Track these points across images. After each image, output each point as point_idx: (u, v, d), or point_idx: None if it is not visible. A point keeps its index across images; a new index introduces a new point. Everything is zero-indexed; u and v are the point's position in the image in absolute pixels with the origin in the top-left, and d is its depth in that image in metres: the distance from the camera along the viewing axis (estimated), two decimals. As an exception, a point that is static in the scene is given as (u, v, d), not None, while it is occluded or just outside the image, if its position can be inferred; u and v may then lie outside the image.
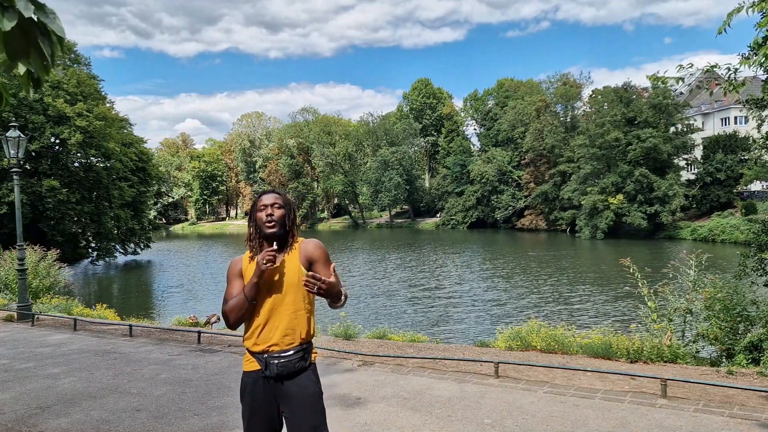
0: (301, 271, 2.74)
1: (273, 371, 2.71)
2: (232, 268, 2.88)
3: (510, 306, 20.58)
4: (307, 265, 2.78)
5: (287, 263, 2.78)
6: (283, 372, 2.71)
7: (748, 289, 7.50)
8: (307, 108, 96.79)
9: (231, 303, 2.76)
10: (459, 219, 72.76)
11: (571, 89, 65.37)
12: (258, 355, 2.75)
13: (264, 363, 2.73)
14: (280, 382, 2.74)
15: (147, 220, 43.99)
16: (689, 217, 49.82)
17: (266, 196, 2.86)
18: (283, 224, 2.80)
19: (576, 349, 7.38)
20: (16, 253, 12.24)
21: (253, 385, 2.78)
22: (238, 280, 2.84)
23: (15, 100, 29.94)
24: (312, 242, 2.85)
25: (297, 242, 2.85)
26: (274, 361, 2.71)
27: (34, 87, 1.83)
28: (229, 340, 8.83)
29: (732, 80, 4.48)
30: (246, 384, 2.82)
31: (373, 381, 6.22)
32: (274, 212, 2.79)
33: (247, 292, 2.72)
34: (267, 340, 2.73)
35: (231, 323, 2.79)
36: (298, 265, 2.77)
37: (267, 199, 2.83)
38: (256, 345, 2.75)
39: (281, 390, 2.75)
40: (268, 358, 2.72)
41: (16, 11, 1.67)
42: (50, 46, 1.76)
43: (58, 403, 5.69)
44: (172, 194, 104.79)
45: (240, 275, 2.85)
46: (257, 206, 2.84)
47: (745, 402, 5.24)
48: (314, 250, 2.81)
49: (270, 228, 2.77)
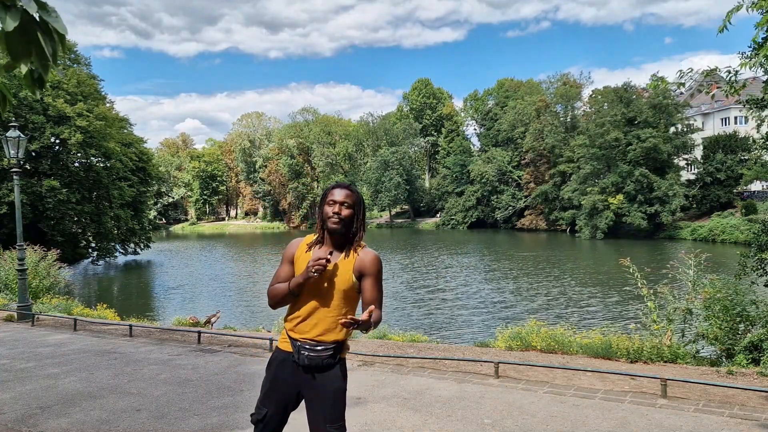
0: (352, 281, 2.76)
1: (303, 361, 2.76)
2: (287, 250, 2.91)
3: (510, 306, 20.58)
4: (358, 275, 2.78)
5: (341, 269, 2.77)
6: (311, 364, 2.76)
7: (748, 289, 7.49)
8: (307, 108, 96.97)
9: (276, 288, 2.83)
10: (459, 219, 72.76)
11: (571, 89, 65.39)
12: (293, 341, 2.80)
13: (297, 350, 2.78)
14: (308, 372, 2.79)
15: (147, 220, 44.00)
16: (689, 217, 49.82)
17: (338, 190, 2.81)
18: (348, 224, 2.78)
19: (576, 349, 7.38)
20: (16, 253, 12.24)
21: (281, 363, 2.85)
22: (289, 265, 2.87)
23: (15, 100, 29.95)
24: (371, 255, 2.81)
25: (359, 248, 2.82)
26: (305, 352, 2.75)
27: (38, 87, 1.83)
28: (229, 340, 8.83)
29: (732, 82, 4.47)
30: (275, 359, 2.89)
31: (373, 381, 6.22)
32: (342, 211, 2.76)
33: (293, 287, 2.75)
34: (303, 332, 2.78)
35: (271, 305, 2.89)
36: (350, 275, 2.77)
37: (338, 195, 2.79)
38: (293, 331, 2.81)
39: (308, 378, 2.79)
40: (301, 347, 2.76)
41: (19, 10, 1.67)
42: (52, 45, 1.76)
43: (58, 403, 5.69)
44: (172, 194, 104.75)
45: (291, 261, 2.87)
46: (326, 198, 2.81)
47: (745, 402, 5.24)
48: (370, 265, 2.79)
49: (334, 224, 2.76)
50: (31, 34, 1.72)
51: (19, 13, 1.67)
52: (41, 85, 1.83)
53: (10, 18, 1.65)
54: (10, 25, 1.64)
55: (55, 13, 1.77)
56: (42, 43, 1.73)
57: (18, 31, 1.68)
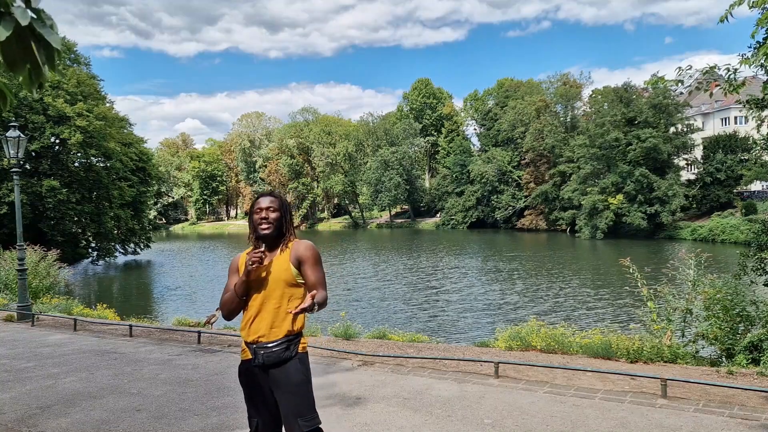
0: (290, 270, 2.93)
1: (260, 360, 2.90)
2: (232, 264, 3.11)
3: (510, 306, 20.58)
4: (297, 264, 2.95)
5: (277, 262, 2.95)
6: (268, 361, 2.89)
7: (747, 289, 7.49)
8: (307, 108, 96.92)
9: (224, 297, 3.01)
10: (459, 219, 72.74)
11: (571, 89, 65.38)
12: (249, 345, 2.95)
13: (253, 352, 2.93)
14: (266, 371, 2.92)
15: (147, 220, 44.00)
16: (689, 217, 49.81)
17: (263, 198, 3.03)
18: (277, 226, 2.99)
19: (576, 349, 7.38)
20: (16, 253, 12.24)
21: (246, 372, 2.99)
22: (235, 275, 3.05)
23: (15, 100, 29.92)
24: (303, 243, 3.01)
25: (291, 242, 3.02)
26: (261, 351, 2.89)
27: (37, 88, 1.83)
28: (229, 340, 8.83)
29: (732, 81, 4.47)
30: (240, 371, 3.04)
31: (373, 381, 6.22)
32: (269, 215, 2.96)
33: (237, 288, 2.93)
34: (256, 332, 2.91)
35: (225, 315, 3.06)
36: (288, 264, 2.94)
37: (263, 202, 3.00)
38: (248, 336, 2.95)
39: (270, 377, 2.92)
40: (257, 348, 2.91)
41: (13, 19, 1.66)
42: (44, 54, 1.76)
43: (58, 403, 5.69)
44: (172, 194, 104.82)
45: (236, 271, 3.06)
46: (254, 208, 3.03)
47: (745, 402, 5.24)
48: (305, 251, 2.97)
49: (264, 230, 2.96)
50: (26, 43, 1.71)
51: (12, 22, 1.66)
52: (40, 86, 1.82)
53: (3, 27, 1.64)
54: (2, 34, 1.63)
55: (51, 21, 1.76)
56: (36, 51, 1.73)
57: (12, 39, 1.67)
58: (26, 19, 1.67)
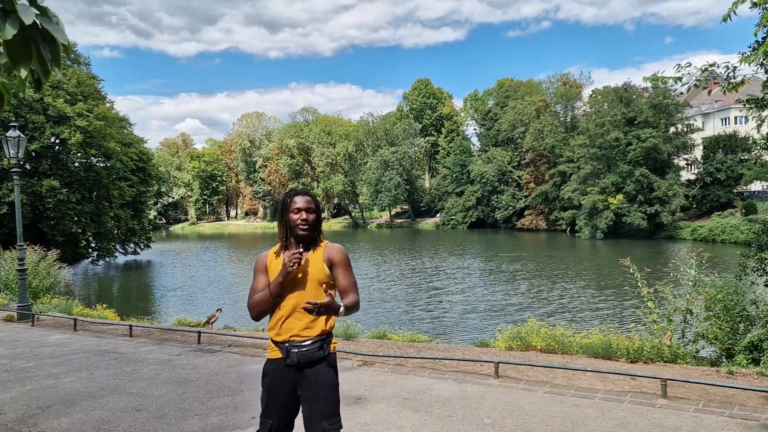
0: (324, 270, 2.91)
1: (294, 360, 2.84)
2: (257, 263, 3.01)
3: (510, 306, 20.57)
4: (329, 265, 2.94)
5: (312, 262, 2.92)
6: (303, 360, 2.84)
7: (748, 289, 7.49)
8: (307, 108, 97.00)
9: (256, 298, 2.91)
10: (459, 219, 72.74)
11: (571, 89, 65.38)
12: (280, 344, 2.88)
13: (285, 351, 2.86)
14: (300, 370, 2.86)
15: (147, 220, 43.98)
16: (689, 217, 49.80)
17: (299, 198, 2.94)
18: (314, 228, 2.94)
19: (576, 349, 7.38)
20: (16, 253, 12.24)
21: (274, 372, 2.91)
22: (263, 275, 2.97)
23: (15, 100, 29.93)
24: (336, 247, 3.00)
25: (322, 243, 3.00)
26: (294, 350, 2.84)
27: (35, 88, 1.82)
28: (229, 340, 8.83)
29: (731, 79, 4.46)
30: (268, 370, 2.95)
31: (373, 381, 6.22)
32: (308, 216, 2.91)
33: (273, 289, 2.86)
34: (289, 331, 2.86)
35: (254, 316, 2.95)
36: (322, 264, 2.93)
37: (300, 202, 2.92)
38: (278, 335, 2.89)
39: (301, 377, 2.87)
40: (290, 347, 2.85)
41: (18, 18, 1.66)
42: (51, 51, 1.75)
43: (58, 403, 5.69)
44: (172, 194, 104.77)
45: (265, 270, 2.97)
46: (290, 207, 2.93)
47: (745, 402, 5.24)
48: (337, 254, 2.96)
49: (303, 231, 2.90)
50: (32, 40, 1.71)
51: (18, 20, 1.66)
52: (39, 87, 1.82)
53: (9, 25, 1.64)
54: (9, 32, 1.63)
55: (56, 19, 1.76)
56: (41, 49, 1.72)
57: (18, 36, 1.66)
58: (30, 17, 1.67)
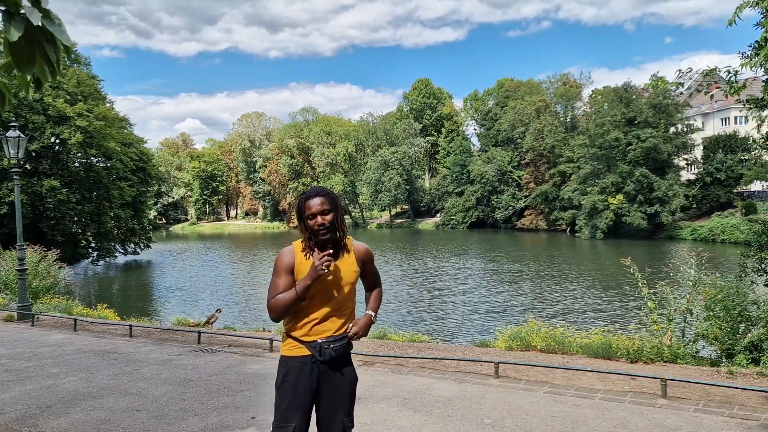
0: (357, 272, 2.91)
1: (329, 355, 2.79)
2: (281, 260, 2.83)
3: (510, 306, 20.57)
4: (362, 266, 2.94)
5: (344, 264, 2.87)
6: (338, 355, 2.81)
7: (748, 289, 7.49)
8: (307, 108, 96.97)
9: (281, 299, 2.76)
10: (459, 219, 72.73)
11: (571, 89, 65.39)
12: (310, 343, 2.81)
13: (318, 349, 2.79)
14: (330, 366, 2.83)
15: (147, 220, 43.97)
16: (689, 217, 49.81)
17: (312, 200, 2.80)
18: (334, 228, 2.81)
19: (576, 349, 7.38)
20: (16, 253, 12.24)
21: (300, 369, 2.80)
22: (287, 275, 2.80)
23: (15, 100, 29.93)
24: (363, 245, 3.00)
25: (349, 242, 2.93)
26: (329, 345, 2.79)
27: (35, 88, 1.82)
28: (229, 340, 8.83)
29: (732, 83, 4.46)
30: (292, 368, 2.82)
31: (373, 381, 6.22)
32: (326, 220, 2.77)
33: (301, 292, 2.73)
34: (321, 332, 2.81)
35: (276, 317, 2.80)
36: (356, 267, 2.91)
37: (315, 206, 2.78)
38: (307, 336, 2.81)
39: (328, 374, 2.84)
40: (323, 344, 2.79)
41: (24, 20, 1.66)
42: (56, 53, 1.75)
43: (58, 403, 5.69)
44: (172, 194, 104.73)
45: (290, 270, 2.81)
46: (305, 212, 2.80)
47: (745, 402, 5.24)
48: (366, 253, 2.98)
49: (324, 236, 2.78)
50: (37, 43, 1.71)
51: (23, 23, 1.66)
52: (39, 86, 1.82)
53: (14, 27, 1.64)
54: (14, 35, 1.63)
55: (59, 21, 1.76)
56: (47, 52, 1.72)
57: (22, 39, 1.66)
58: (37, 19, 1.67)
